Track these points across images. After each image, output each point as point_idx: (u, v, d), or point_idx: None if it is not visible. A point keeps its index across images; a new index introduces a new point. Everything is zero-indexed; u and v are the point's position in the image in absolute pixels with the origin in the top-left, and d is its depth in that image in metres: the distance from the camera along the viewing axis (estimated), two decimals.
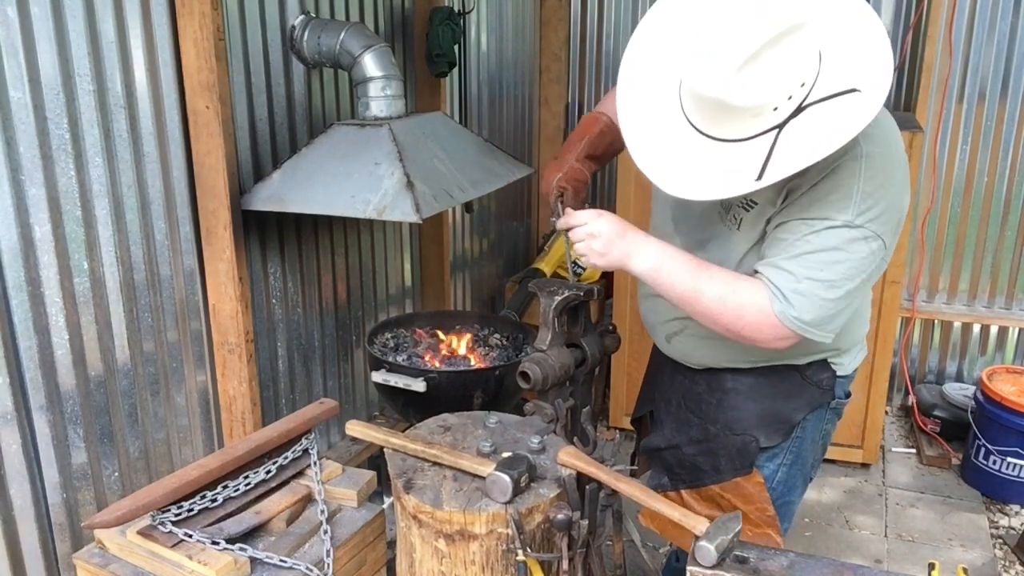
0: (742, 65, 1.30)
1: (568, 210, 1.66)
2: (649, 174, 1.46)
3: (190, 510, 1.65)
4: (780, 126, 1.36)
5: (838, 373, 1.74)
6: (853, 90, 1.34)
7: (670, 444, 1.85)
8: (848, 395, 1.80)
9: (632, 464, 2.03)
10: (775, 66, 1.31)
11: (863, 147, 1.42)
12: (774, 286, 1.46)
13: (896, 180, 1.47)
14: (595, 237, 1.59)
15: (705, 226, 1.66)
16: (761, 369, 1.72)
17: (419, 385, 2.31)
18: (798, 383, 1.72)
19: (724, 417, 1.76)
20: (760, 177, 1.36)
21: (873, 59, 1.35)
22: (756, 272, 1.50)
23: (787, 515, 1.82)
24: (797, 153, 1.34)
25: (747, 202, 1.55)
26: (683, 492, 1.85)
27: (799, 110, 1.35)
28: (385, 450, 1.65)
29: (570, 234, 1.63)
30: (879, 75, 1.34)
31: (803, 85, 1.35)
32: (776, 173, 1.35)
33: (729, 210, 1.60)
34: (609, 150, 1.82)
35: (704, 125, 1.41)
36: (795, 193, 1.47)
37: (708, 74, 1.33)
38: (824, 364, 1.73)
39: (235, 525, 1.68)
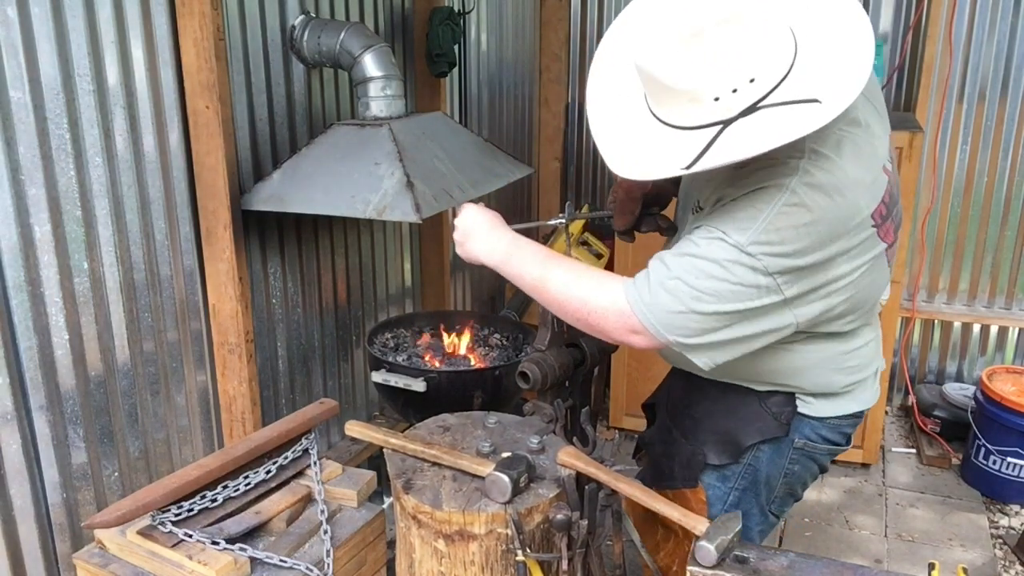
0: (679, 44, 1.24)
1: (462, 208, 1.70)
2: (603, 151, 1.41)
3: (190, 510, 1.65)
4: (726, 122, 1.27)
5: (801, 411, 1.62)
6: (814, 100, 1.24)
7: (651, 440, 1.87)
8: (831, 443, 1.67)
9: (636, 455, 2.03)
10: (715, 51, 1.23)
11: (796, 181, 1.31)
12: (645, 275, 1.39)
13: (825, 238, 1.33)
14: (455, 229, 1.64)
15: (683, 225, 1.65)
16: (724, 385, 1.65)
17: (419, 385, 2.31)
18: (755, 409, 1.64)
19: (684, 424, 1.74)
20: (689, 166, 1.28)
21: (847, 69, 1.26)
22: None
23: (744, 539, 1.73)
24: (729, 149, 1.26)
25: (696, 205, 1.53)
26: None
27: (753, 109, 1.26)
28: (385, 450, 1.66)
29: None
30: (846, 87, 1.24)
31: (753, 81, 1.25)
32: (704, 164, 1.27)
33: (691, 211, 1.58)
34: None
35: (656, 108, 1.36)
36: (720, 203, 1.40)
37: (648, 50, 1.29)
38: (788, 398, 1.62)
39: (235, 525, 1.68)
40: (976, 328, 3.94)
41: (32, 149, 1.71)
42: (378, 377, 2.39)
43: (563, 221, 1.84)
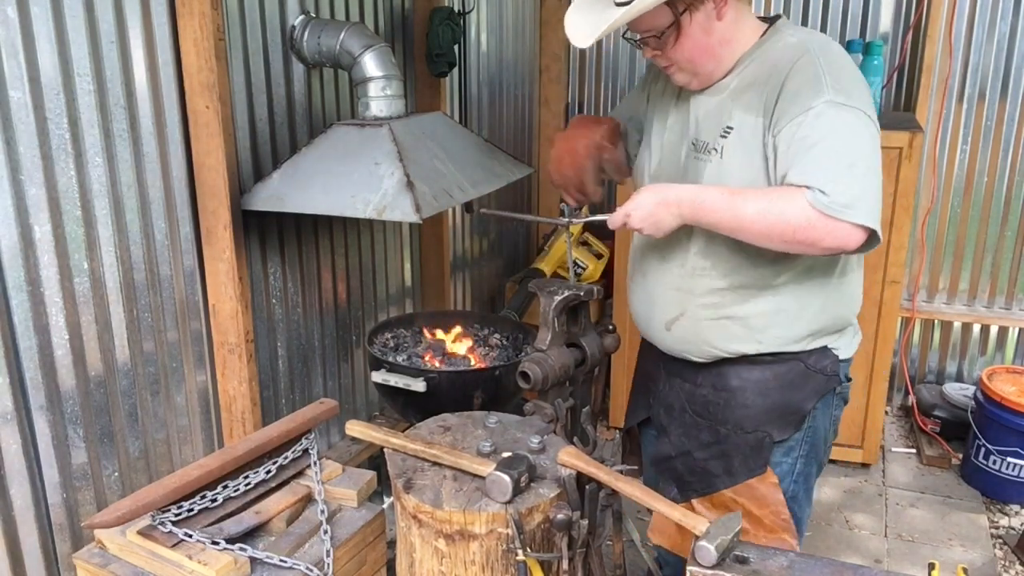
0: None
1: (617, 211, 1.68)
2: (570, 35, 1.68)
3: (190, 510, 1.65)
4: None
5: (840, 358, 1.77)
6: None
7: (681, 451, 1.84)
8: (850, 379, 1.84)
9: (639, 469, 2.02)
10: None
11: (809, 45, 1.58)
12: (805, 185, 1.48)
13: (850, 62, 1.61)
14: (634, 220, 1.63)
15: (684, 175, 1.72)
16: (764, 365, 1.74)
17: (419, 385, 2.31)
18: (802, 372, 1.74)
19: (734, 416, 1.76)
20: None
21: None
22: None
23: (808, 501, 1.87)
24: None
25: (723, 131, 1.64)
26: (694, 502, 1.83)
27: None
28: (385, 450, 1.65)
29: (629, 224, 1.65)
30: None
31: None
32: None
33: (704, 148, 1.68)
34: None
35: None
36: (775, 105, 1.56)
37: None
38: (825, 351, 1.76)
39: (235, 525, 1.68)
40: (976, 328, 3.94)
41: (32, 149, 1.70)
42: (378, 377, 2.38)
43: (569, 222, 1.85)
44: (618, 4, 1.58)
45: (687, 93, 1.74)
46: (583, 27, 1.64)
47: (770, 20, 1.71)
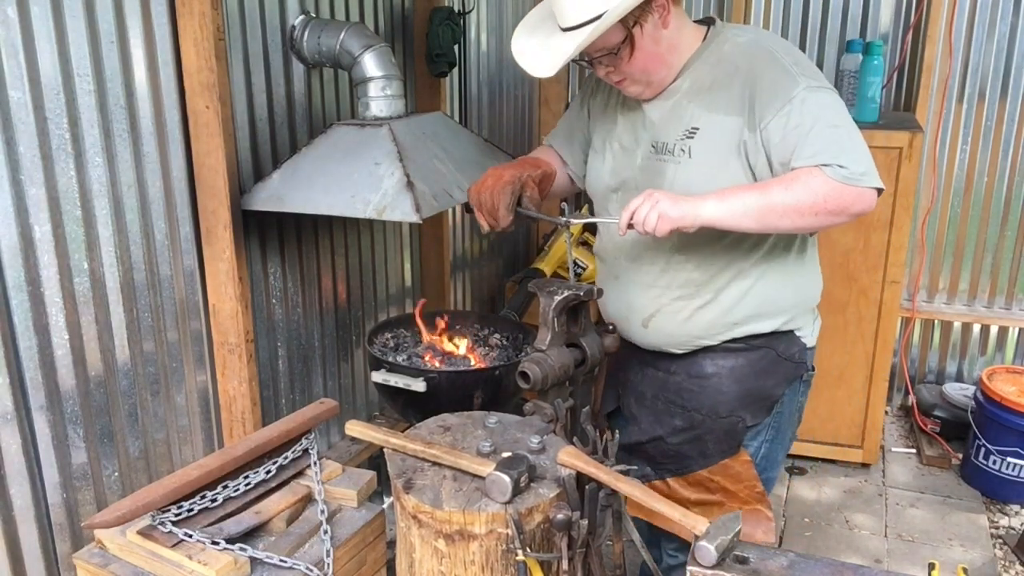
0: None
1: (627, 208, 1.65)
2: (527, 67, 1.76)
3: (190, 510, 1.65)
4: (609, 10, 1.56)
5: (807, 345, 1.85)
6: None
7: (652, 437, 1.89)
8: (813, 368, 1.91)
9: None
10: None
11: (761, 42, 1.68)
12: (821, 164, 1.55)
13: (799, 50, 1.73)
14: (657, 201, 1.58)
15: (651, 180, 1.73)
16: (740, 350, 1.80)
17: (419, 385, 2.31)
18: (773, 359, 1.81)
19: (709, 402, 1.82)
20: (586, 23, 1.59)
21: None
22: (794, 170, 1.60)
23: (769, 490, 1.90)
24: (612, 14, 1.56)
25: (687, 132, 1.69)
26: (669, 480, 1.90)
27: None
28: (385, 450, 1.65)
29: (635, 217, 1.61)
30: None
31: None
32: (601, 25, 1.56)
33: (669, 150, 1.72)
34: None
35: (561, 19, 1.65)
36: (752, 102, 1.61)
37: None
38: (792, 338, 1.82)
39: (235, 525, 1.68)
40: (976, 328, 3.94)
41: (32, 149, 1.70)
42: (378, 377, 2.38)
43: (568, 221, 1.84)
44: (565, 29, 1.64)
45: (636, 100, 1.79)
46: (537, 56, 1.72)
47: (705, 22, 1.76)
